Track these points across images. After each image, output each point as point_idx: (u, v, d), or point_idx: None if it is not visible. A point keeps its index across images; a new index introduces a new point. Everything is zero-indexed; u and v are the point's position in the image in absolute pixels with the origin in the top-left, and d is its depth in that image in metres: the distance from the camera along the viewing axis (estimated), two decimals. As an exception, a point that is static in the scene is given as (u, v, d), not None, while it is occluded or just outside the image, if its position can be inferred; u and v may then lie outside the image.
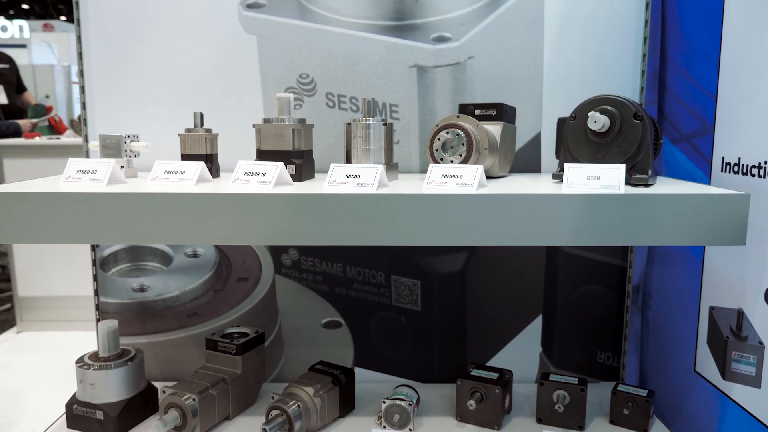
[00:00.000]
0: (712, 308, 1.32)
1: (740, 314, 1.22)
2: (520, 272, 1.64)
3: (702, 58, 1.36)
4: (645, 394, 1.41)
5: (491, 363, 1.68)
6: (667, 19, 1.53)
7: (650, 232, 1.01)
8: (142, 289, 1.64)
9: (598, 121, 1.13)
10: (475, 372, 1.44)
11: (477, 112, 1.32)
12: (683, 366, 1.45)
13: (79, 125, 3.65)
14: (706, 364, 1.35)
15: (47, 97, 4.08)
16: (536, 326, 1.67)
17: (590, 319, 1.65)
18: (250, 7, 1.49)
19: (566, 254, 1.62)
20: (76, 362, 1.41)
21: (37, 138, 3.47)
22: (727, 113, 1.27)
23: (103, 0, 1.51)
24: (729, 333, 1.25)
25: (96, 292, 1.64)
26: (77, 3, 1.51)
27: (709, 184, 1.31)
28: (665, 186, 1.14)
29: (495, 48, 1.49)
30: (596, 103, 1.16)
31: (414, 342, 1.68)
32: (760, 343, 1.15)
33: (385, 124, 1.23)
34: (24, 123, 3.95)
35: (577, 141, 1.19)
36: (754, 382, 1.17)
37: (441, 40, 1.47)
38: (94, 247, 1.62)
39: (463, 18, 1.47)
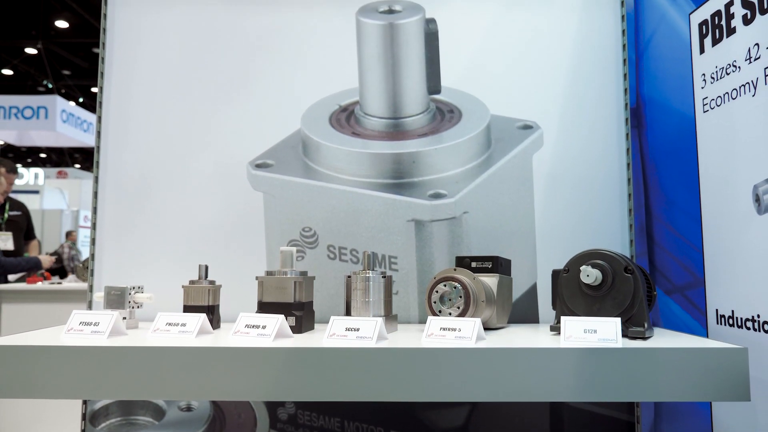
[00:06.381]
0: (727, 469, 1.26)
1: (757, 476, 1.16)
2: (524, 427, 1.58)
3: (683, 214, 1.44)
4: None
5: None
6: (648, 177, 1.64)
7: (651, 388, 1.00)
8: (130, 446, 1.57)
9: (590, 275, 1.16)
10: None
11: (473, 264, 1.37)
12: None
13: (82, 270, 3.70)
14: None
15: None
16: (545, 488, 1.57)
17: (601, 479, 1.56)
18: (258, 166, 1.60)
19: (571, 408, 1.58)
20: None
21: (39, 283, 3.50)
22: (715, 266, 1.31)
23: (119, 159, 1.63)
24: (748, 497, 1.18)
25: (81, 449, 1.56)
26: (98, 162, 1.63)
27: (707, 336, 1.32)
28: (663, 339, 1.15)
29: (488, 204, 1.58)
30: (587, 258, 1.21)
31: (415, 506, 1.57)
32: None
33: (384, 277, 1.27)
34: (45, 259, 3.89)
35: (571, 293, 1.22)
36: None
37: (437, 196, 1.56)
38: (85, 400, 1.58)
39: (458, 176, 1.57)
